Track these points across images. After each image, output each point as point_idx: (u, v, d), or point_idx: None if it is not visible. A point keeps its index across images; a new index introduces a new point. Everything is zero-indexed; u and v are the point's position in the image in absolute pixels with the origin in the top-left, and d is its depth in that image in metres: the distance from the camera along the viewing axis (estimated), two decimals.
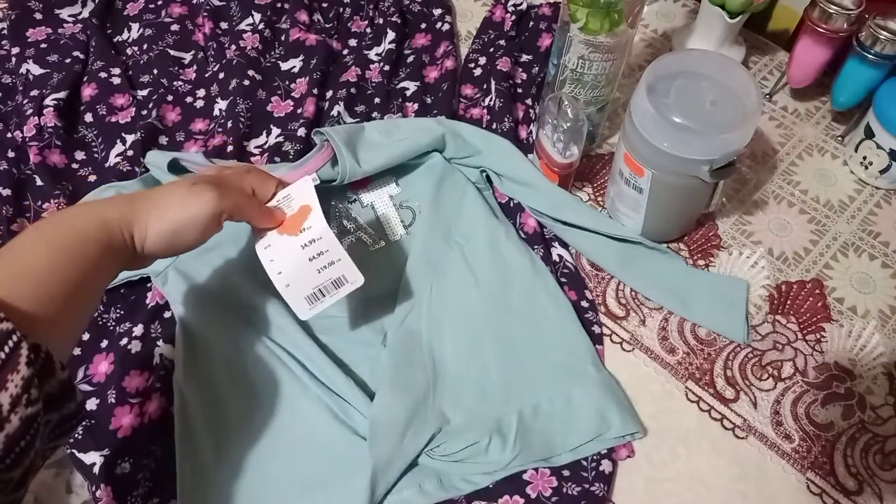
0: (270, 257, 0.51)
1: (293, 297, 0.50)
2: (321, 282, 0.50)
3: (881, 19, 0.64)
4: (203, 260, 0.61)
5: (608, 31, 0.58)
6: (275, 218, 0.52)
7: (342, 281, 0.51)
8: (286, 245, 0.51)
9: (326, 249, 0.50)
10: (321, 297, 0.51)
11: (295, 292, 0.50)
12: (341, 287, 0.51)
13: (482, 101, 0.76)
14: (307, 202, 0.52)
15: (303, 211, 0.51)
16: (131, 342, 0.58)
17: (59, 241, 0.39)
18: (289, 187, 0.53)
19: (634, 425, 0.55)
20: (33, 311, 0.35)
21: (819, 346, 0.60)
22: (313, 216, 0.51)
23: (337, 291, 0.51)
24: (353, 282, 0.51)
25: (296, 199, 0.52)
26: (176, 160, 0.62)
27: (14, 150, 0.70)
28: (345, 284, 0.51)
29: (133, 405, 0.55)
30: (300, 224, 0.51)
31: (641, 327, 0.62)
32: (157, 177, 0.64)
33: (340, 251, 0.51)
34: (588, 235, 0.64)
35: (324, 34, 0.82)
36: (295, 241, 0.51)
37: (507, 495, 0.52)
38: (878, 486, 0.53)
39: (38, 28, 0.82)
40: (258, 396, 0.55)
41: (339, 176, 0.63)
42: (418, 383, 0.56)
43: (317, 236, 0.50)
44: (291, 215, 0.52)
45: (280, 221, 0.52)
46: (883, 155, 0.68)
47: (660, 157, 0.56)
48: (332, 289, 0.51)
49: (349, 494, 0.51)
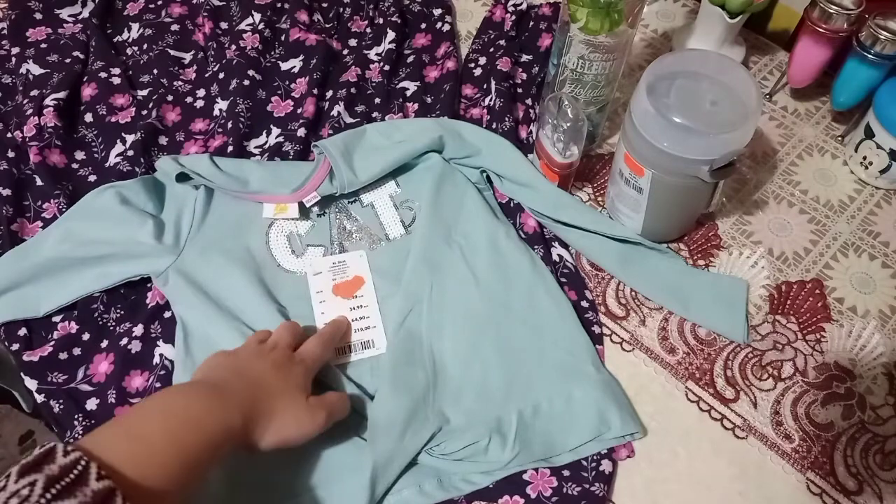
0: (322, 310, 0.60)
1: None
2: (354, 340, 0.58)
3: (881, 19, 0.64)
4: (204, 260, 0.61)
5: (608, 31, 0.58)
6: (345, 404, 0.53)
7: (370, 345, 0.58)
8: (337, 305, 0.60)
9: (369, 316, 0.60)
10: (348, 352, 0.58)
11: None
12: (367, 350, 0.58)
13: (482, 101, 0.76)
14: (361, 273, 0.62)
15: (356, 280, 0.62)
16: (131, 342, 0.58)
17: (188, 443, 0.41)
18: (344, 255, 0.63)
19: (634, 425, 0.55)
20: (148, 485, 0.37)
21: (819, 346, 0.60)
22: (366, 288, 0.61)
23: (362, 352, 0.58)
24: (378, 347, 0.58)
25: (350, 266, 0.62)
26: (184, 173, 0.64)
27: (14, 150, 0.70)
28: (371, 348, 0.58)
29: (133, 405, 0.55)
30: (353, 291, 0.61)
31: (641, 327, 0.62)
32: (162, 180, 0.66)
33: (379, 320, 0.59)
34: (588, 235, 0.64)
35: (324, 34, 0.82)
36: (346, 303, 0.60)
37: (507, 495, 0.52)
38: (878, 486, 0.53)
39: (38, 28, 0.82)
40: None
41: (336, 190, 0.64)
42: (418, 383, 0.56)
43: (365, 304, 0.60)
44: (346, 282, 0.61)
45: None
46: (883, 155, 0.68)
47: (660, 157, 0.56)
48: (360, 348, 0.58)
49: (349, 494, 0.51)
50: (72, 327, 0.60)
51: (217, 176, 0.64)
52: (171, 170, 0.64)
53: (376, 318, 0.59)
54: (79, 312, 0.60)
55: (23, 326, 0.60)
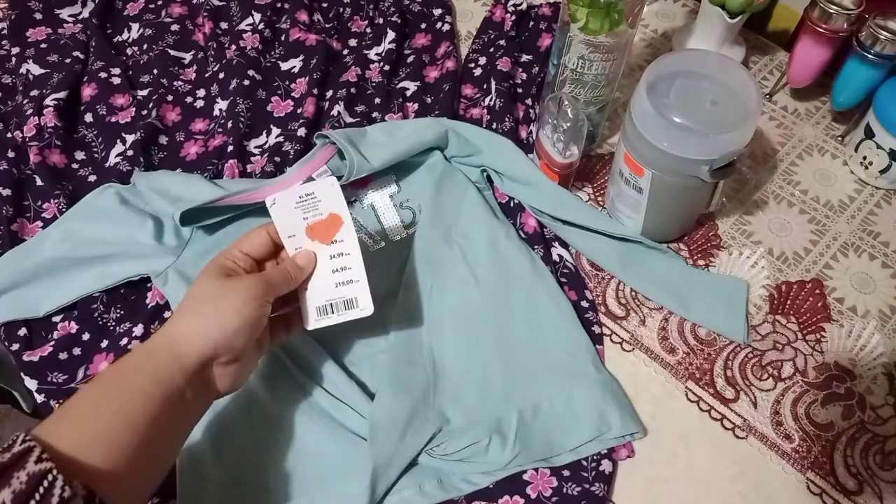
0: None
1: (306, 303, 0.51)
2: (335, 297, 0.51)
3: (881, 19, 0.64)
4: (204, 260, 0.60)
5: (608, 31, 0.58)
6: (302, 270, 0.50)
7: (354, 304, 0.51)
8: (314, 251, 0.51)
9: (350, 267, 0.51)
10: (329, 313, 0.51)
11: (309, 298, 0.51)
12: (351, 310, 0.51)
13: (482, 101, 0.76)
14: (337, 210, 0.51)
15: (333, 220, 0.52)
16: (131, 342, 0.58)
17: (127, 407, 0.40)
18: (312, 185, 0.52)
19: (634, 425, 0.55)
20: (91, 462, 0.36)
21: (819, 346, 0.60)
22: (346, 230, 0.51)
23: (345, 313, 0.51)
24: (363, 308, 0.50)
25: (322, 201, 0.52)
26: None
27: (14, 150, 0.70)
28: (354, 308, 0.50)
29: None
30: (332, 234, 0.51)
31: (641, 327, 0.62)
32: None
33: (362, 274, 0.51)
34: (588, 235, 0.65)
35: (324, 34, 0.82)
36: (324, 250, 0.51)
37: (507, 495, 0.52)
38: (878, 486, 0.53)
39: (38, 28, 0.82)
40: (257, 397, 0.55)
41: (346, 171, 0.62)
42: (418, 383, 0.56)
43: (346, 251, 0.51)
44: (321, 221, 0.52)
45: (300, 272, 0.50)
46: (883, 155, 0.68)
47: (660, 157, 0.56)
48: (342, 308, 0.51)
49: (349, 494, 0.51)
50: (72, 327, 0.60)
51: (217, 192, 0.62)
52: (170, 212, 0.60)
53: (360, 271, 0.51)
54: (79, 312, 0.60)
55: (23, 326, 0.60)
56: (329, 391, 0.55)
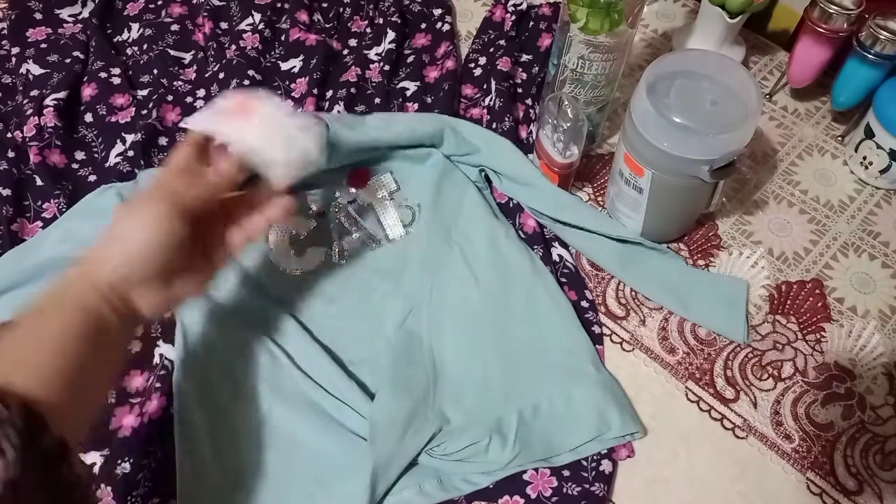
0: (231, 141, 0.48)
1: (267, 167, 0.49)
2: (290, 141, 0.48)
3: (881, 19, 0.64)
4: None
5: (608, 31, 0.58)
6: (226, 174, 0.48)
7: (309, 150, 0.49)
8: (242, 128, 0.48)
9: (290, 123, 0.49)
10: (291, 164, 0.49)
11: (270, 162, 0.48)
12: (308, 154, 0.49)
13: (482, 101, 0.76)
14: (244, 97, 0.49)
15: (246, 103, 0.49)
16: (131, 342, 0.58)
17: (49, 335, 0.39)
18: (220, 101, 0.50)
19: (634, 425, 0.55)
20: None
21: (819, 346, 0.60)
22: (263, 101, 0.49)
23: (307, 133, 0.49)
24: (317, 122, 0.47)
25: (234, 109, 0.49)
26: None
27: (14, 150, 0.70)
28: (311, 129, 0.49)
29: (133, 405, 0.55)
30: (255, 110, 0.49)
31: (641, 327, 0.62)
32: None
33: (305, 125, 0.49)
34: (588, 235, 0.64)
35: (324, 34, 0.82)
36: (255, 125, 0.48)
37: (507, 495, 0.52)
38: (878, 486, 0.53)
39: (38, 28, 0.82)
40: (258, 397, 0.55)
41: (327, 145, 0.61)
42: (418, 383, 0.56)
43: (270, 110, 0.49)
44: (234, 111, 0.49)
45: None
46: (883, 155, 0.68)
47: (660, 157, 0.56)
48: (300, 133, 0.49)
49: (349, 494, 0.51)
50: None
51: None
52: None
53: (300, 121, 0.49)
54: None
55: None
56: (329, 391, 0.55)
